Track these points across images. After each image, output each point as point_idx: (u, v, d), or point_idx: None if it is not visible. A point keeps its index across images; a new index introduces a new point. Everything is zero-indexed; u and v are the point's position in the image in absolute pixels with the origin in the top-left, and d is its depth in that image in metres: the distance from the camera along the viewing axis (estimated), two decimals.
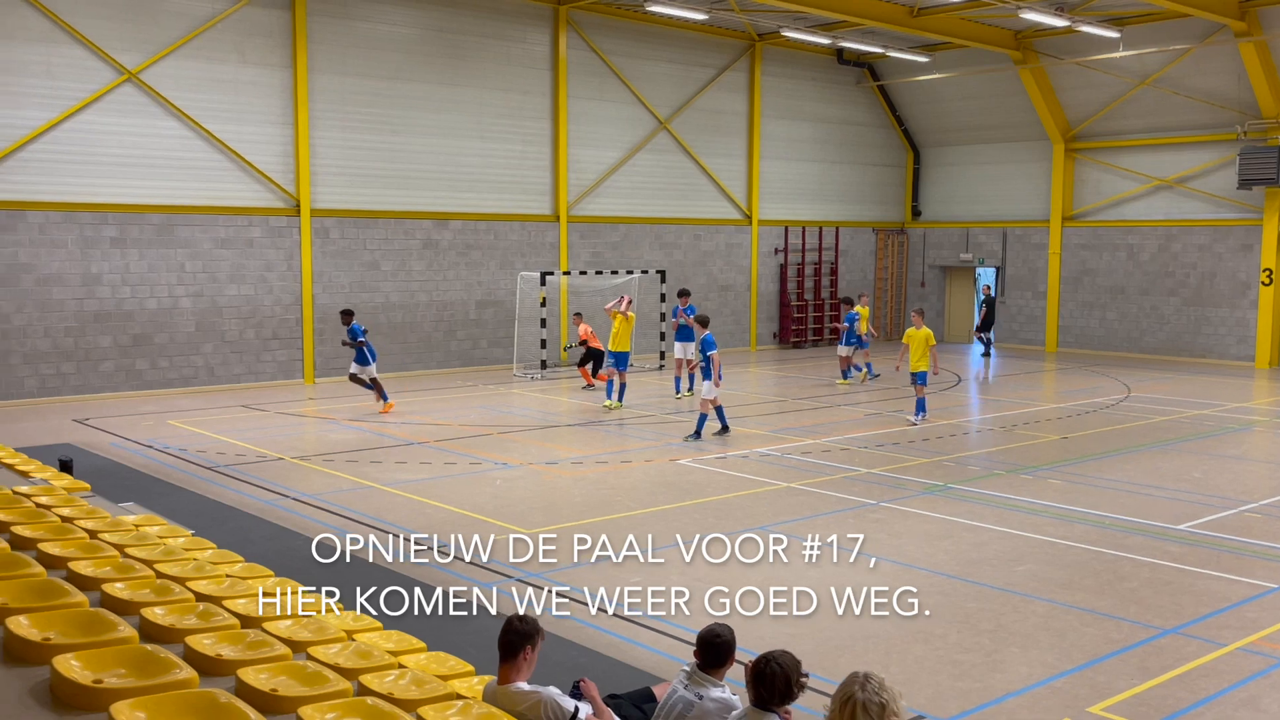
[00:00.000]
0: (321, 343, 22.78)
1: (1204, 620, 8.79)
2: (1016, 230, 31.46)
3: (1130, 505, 12.57)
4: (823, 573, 10.11)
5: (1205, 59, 26.28)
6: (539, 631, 5.52)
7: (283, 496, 12.81)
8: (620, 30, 26.79)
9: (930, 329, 18.58)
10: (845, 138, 32.28)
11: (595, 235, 26.97)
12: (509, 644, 5.40)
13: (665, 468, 14.65)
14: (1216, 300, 27.72)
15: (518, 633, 5.44)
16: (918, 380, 18.09)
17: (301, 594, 7.31)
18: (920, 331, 18.20)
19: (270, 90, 21.72)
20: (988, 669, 7.78)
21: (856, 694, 4.22)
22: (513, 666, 5.38)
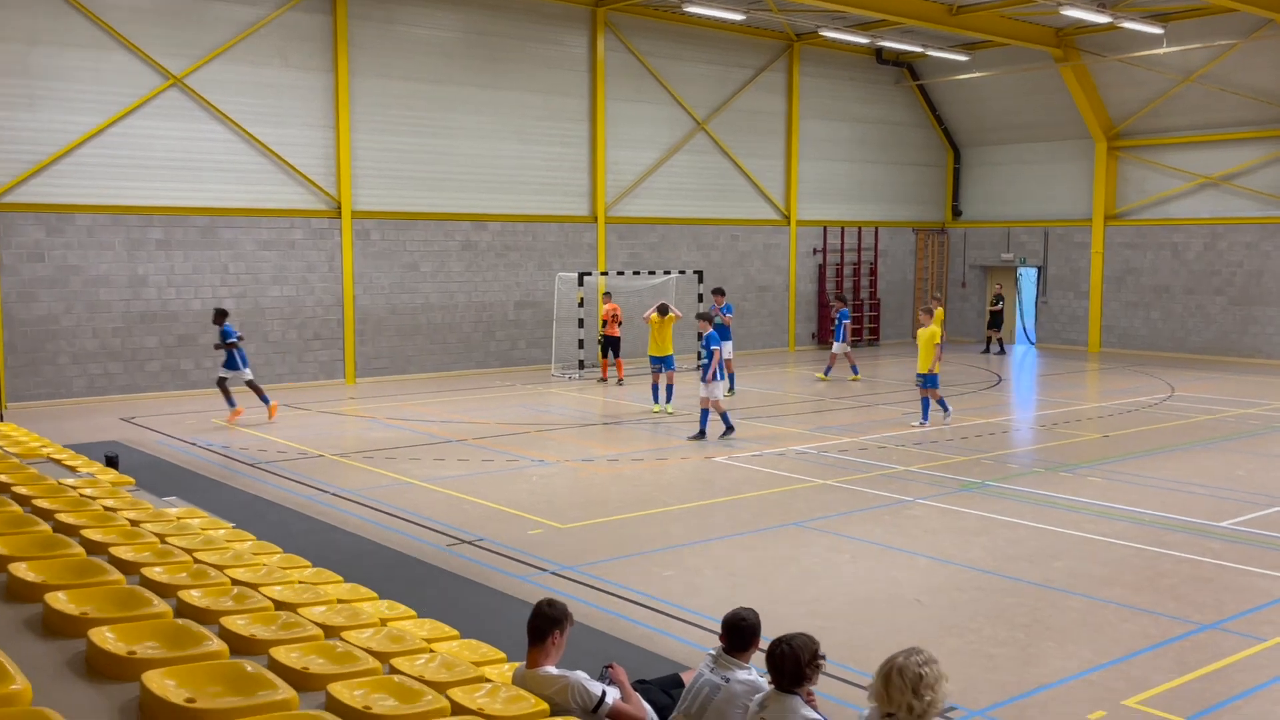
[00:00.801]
0: (363, 343, 23.03)
1: (1244, 616, 8.67)
2: (1058, 230, 31.15)
3: (1171, 502, 12.42)
4: (857, 567, 10.10)
5: (1252, 54, 25.89)
6: (568, 617, 5.57)
7: (322, 492, 12.98)
8: (657, 31, 26.86)
9: (938, 328, 17.83)
10: (884, 137, 32.13)
11: (633, 236, 27.04)
12: (537, 628, 5.46)
13: (701, 465, 14.67)
14: (1264, 299, 27.27)
15: (546, 617, 5.50)
16: (926, 383, 17.44)
17: (338, 583, 7.43)
18: (926, 330, 17.54)
19: (312, 93, 22.02)
20: (1022, 662, 7.73)
21: (899, 660, 4.32)
22: (541, 650, 5.43)
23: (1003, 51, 29.07)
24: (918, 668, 4.35)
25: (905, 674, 4.32)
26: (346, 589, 7.25)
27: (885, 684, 4.32)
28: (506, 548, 10.66)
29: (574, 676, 5.30)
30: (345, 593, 7.13)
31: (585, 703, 5.22)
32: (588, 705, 5.21)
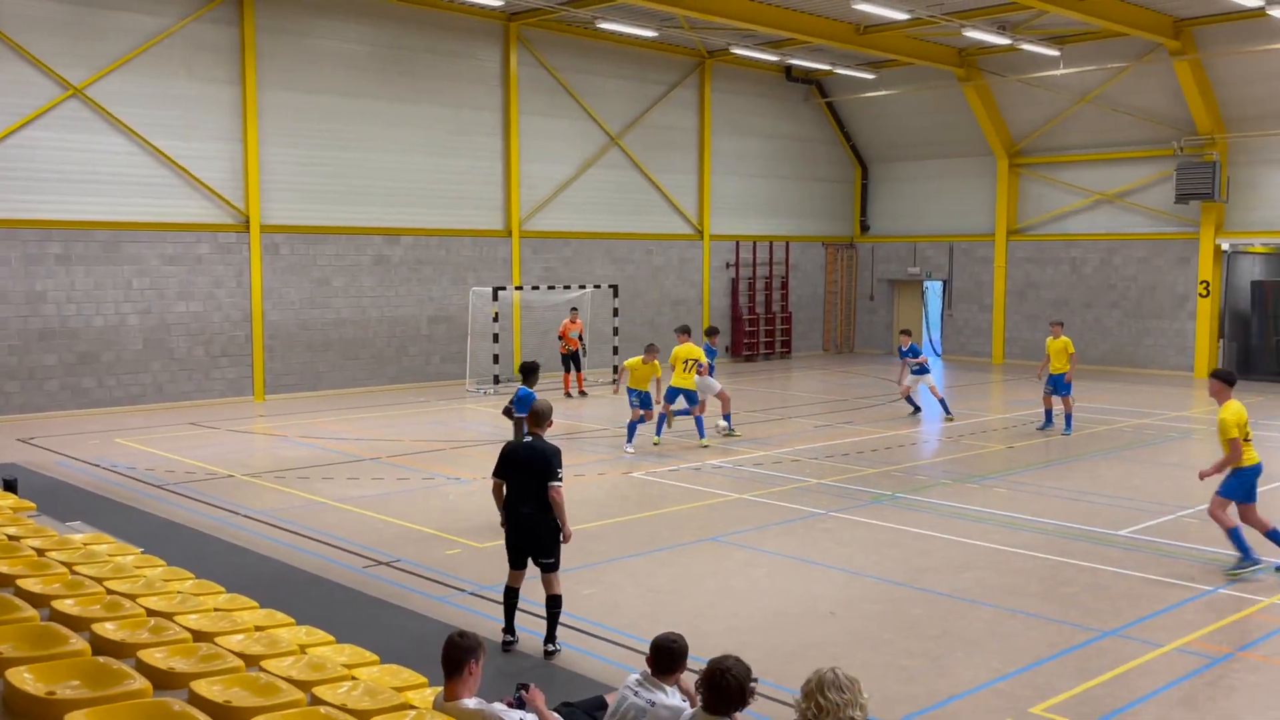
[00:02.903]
0: (272, 360, 22.63)
1: (1142, 622, 9.03)
2: (963, 244, 31.99)
3: (1073, 512, 12.86)
4: (774, 581, 10.26)
5: (1142, 77, 26.96)
6: (481, 646, 5.60)
7: (234, 514, 12.74)
8: (570, 46, 26.96)
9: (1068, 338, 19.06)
10: (794, 153, 32.67)
11: (547, 250, 27.06)
12: (453, 660, 5.47)
13: (619, 481, 14.74)
14: (1157, 312, 28.36)
15: (460, 648, 5.51)
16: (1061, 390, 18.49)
17: (254, 609, 7.32)
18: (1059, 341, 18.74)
19: (219, 106, 21.61)
20: (934, 673, 7.95)
21: (827, 675, 4.43)
22: (459, 681, 5.45)
23: (908, 70, 29.81)
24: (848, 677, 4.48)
25: (840, 685, 4.43)
26: (263, 615, 7.15)
27: (838, 691, 4.42)
28: (424, 568, 10.60)
29: (490, 710, 5.31)
30: (262, 619, 7.04)
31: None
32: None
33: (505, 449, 8.46)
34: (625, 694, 5.40)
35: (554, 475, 8.16)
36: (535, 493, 8.22)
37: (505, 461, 8.38)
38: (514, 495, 8.31)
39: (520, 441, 8.50)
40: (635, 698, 5.32)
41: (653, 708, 5.24)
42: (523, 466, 8.27)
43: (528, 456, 8.28)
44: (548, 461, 8.18)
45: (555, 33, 26.49)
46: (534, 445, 8.32)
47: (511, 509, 8.33)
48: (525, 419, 10.38)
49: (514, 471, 8.31)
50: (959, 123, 30.91)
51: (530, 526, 8.27)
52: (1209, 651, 8.34)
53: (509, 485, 8.35)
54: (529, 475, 8.24)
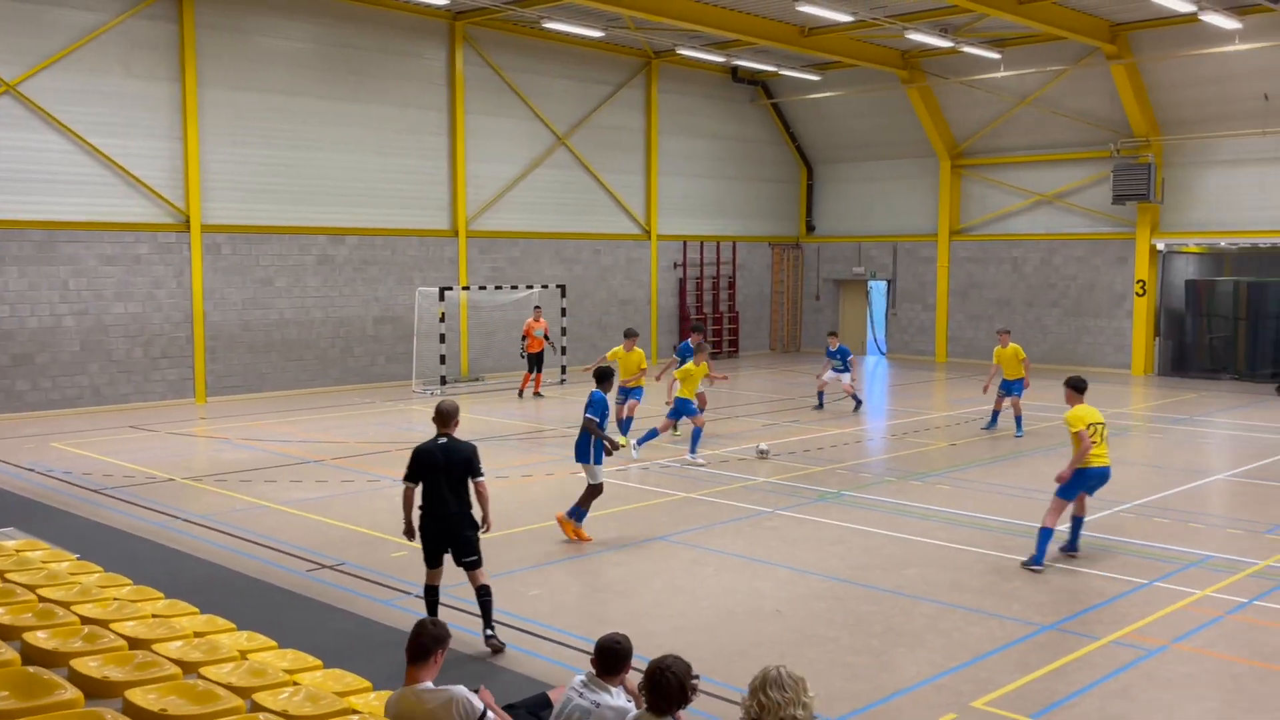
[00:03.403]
0: (214, 361, 22.30)
1: (1080, 616, 9.19)
2: (906, 244, 32.34)
3: (1014, 508, 13.05)
4: (720, 580, 10.30)
5: (1080, 80, 27.44)
6: (449, 636, 5.63)
7: (174, 518, 12.53)
8: (517, 46, 26.86)
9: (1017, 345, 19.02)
10: (741, 154, 32.83)
11: (495, 250, 26.94)
12: (421, 646, 5.49)
13: (566, 481, 14.70)
14: (1095, 311, 28.88)
15: (431, 636, 5.55)
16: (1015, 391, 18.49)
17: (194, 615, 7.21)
18: (1008, 349, 18.61)
19: (157, 104, 21.24)
20: (877, 669, 8.03)
21: (771, 673, 4.49)
22: (423, 668, 5.48)
23: (852, 72, 30.08)
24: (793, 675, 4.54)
25: (783, 684, 4.48)
26: (203, 621, 7.06)
27: (780, 690, 4.47)
28: (369, 571, 10.50)
29: (457, 691, 5.35)
30: (202, 625, 6.95)
31: (468, 717, 5.28)
32: (470, 719, 5.28)
33: (419, 452, 8.43)
34: (570, 695, 5.39)
35: (477, 470, 8.38)
36: (458, 491, 8.36)
37: (422, 464, 8.38)
38: (435, 496, 8.36)
39: (434, 443, 8.47)
40: (580, 699, 5.32)
41: (597, 709, 5.24)
42: (442, 467, 8.34)
43: (446, 457, 8.36)
44: (469, 458, 8.36)
45: (501, 32, 26.38)
46: (451, 445, 8.41)
47: (433, 510, 8.37)
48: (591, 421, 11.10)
49: (433, 473, 8.35)
50: (902, 124, 31.25)
51: (455, 525, 8.38)
52: (1145, 644, 8.50)
53: (427, 487, 8.39)
54: (450, 475, 8.33)
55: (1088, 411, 10.88)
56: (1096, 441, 10.72)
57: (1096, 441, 10.72)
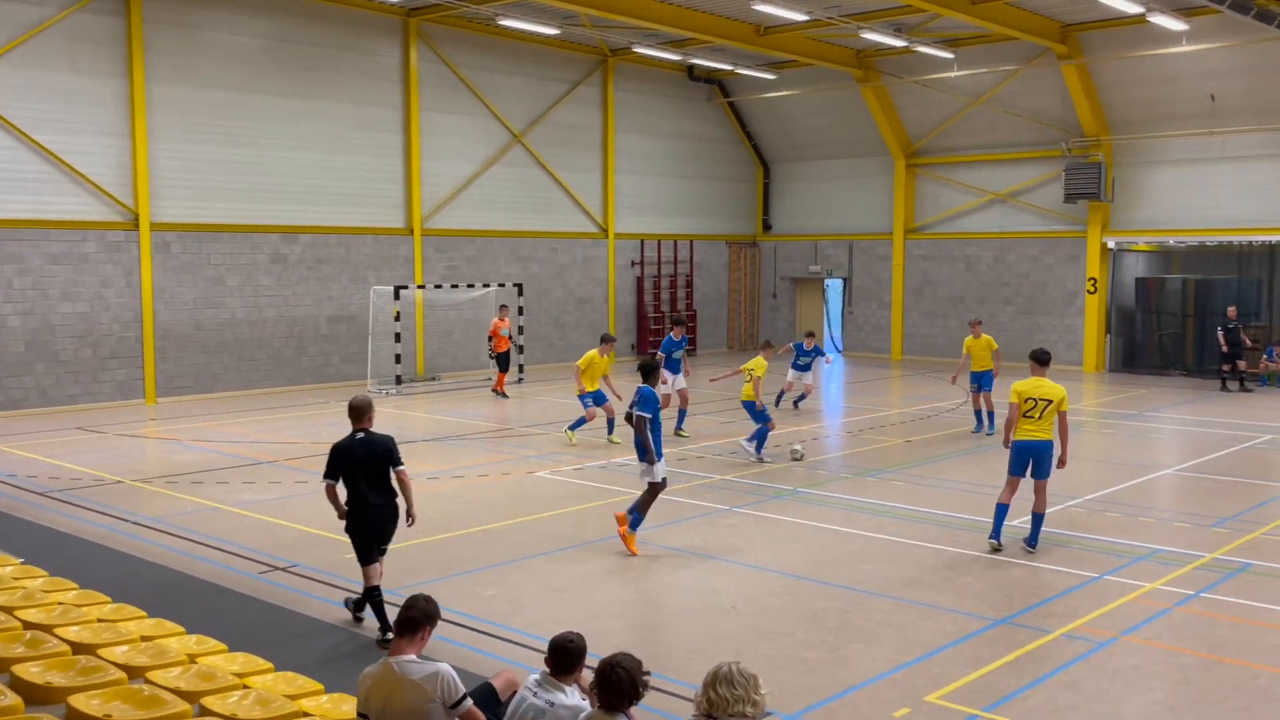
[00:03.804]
0: (164, 361, 21.98)
1: (1031, 610, 9.29)
2: (862, 243, 32.56)
3: (967, 504, 13.17)
4: (676, 578, 10.31)
5: (1032, 80, 27.77)
6: (438, 615, 5.67)
7: (123, 521, 12.33)
8: (472, 43, 26.72)
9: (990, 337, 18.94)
10: (698, 153, 32.88)
11: (451, 248, 26.78)
12: (411, 620, 5.51)
13: (524, 480, 14.66)
14: (1047, 308, 29.25)
15: (422, 611, 5.57)
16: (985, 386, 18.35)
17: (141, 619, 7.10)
18: (980, 339, 18.54)
19: (104, 100, 20.89)
20: (832, 665, 8.07)
21: (723, 670, 4.52)
22: (409, 642, 5.49)
23: (808, 71, 30.22)
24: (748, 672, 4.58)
25: (734, 682, 4.51)
26: (151, 625, 6.96)
27: (729, 686, 4.48)
28: (322, 573, 10.39)
29: (443, 667, 5.36)
30: (150, 629, 6.85)
31: (449, 695, 5.28)
32: (450, 699, 5.28)
33: (338, 448, 8.55)
34: (524, 695, 5.36)
35: (397, 460, 8.57)
36: (381, 483, 8.55)
37: (342, 460, 8.51)
38: (359, 490, 8.50)
39: (352, 439, 8.57)
40: (534, 698, 5.29)
41: (552, 708, 5.21)
42: (363, 461, 8.49)
43: (366, 450, 8.51)
44: (388, 450, 8.53)
45: (456, 29, 26.23)
46: (369, 439, 8.56)
47: (359, 504, 8.51)
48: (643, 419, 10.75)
49: (354, 468, 8.48)
50: (857, 123, 31.45)
51: (381, 516, 8.57)
52: (1095, 636, 8.61)
53: (350, 483, 8.52)
54: (371, 468, 8.50)
55: (1029, 385, 11.02)
56: (1034, 417, 10.86)
57: (1034, 417, 10.86)
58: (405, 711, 5.27)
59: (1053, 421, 10.94)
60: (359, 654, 8.20)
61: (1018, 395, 11.03)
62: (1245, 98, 25.24)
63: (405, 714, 5.27)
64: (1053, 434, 11.02)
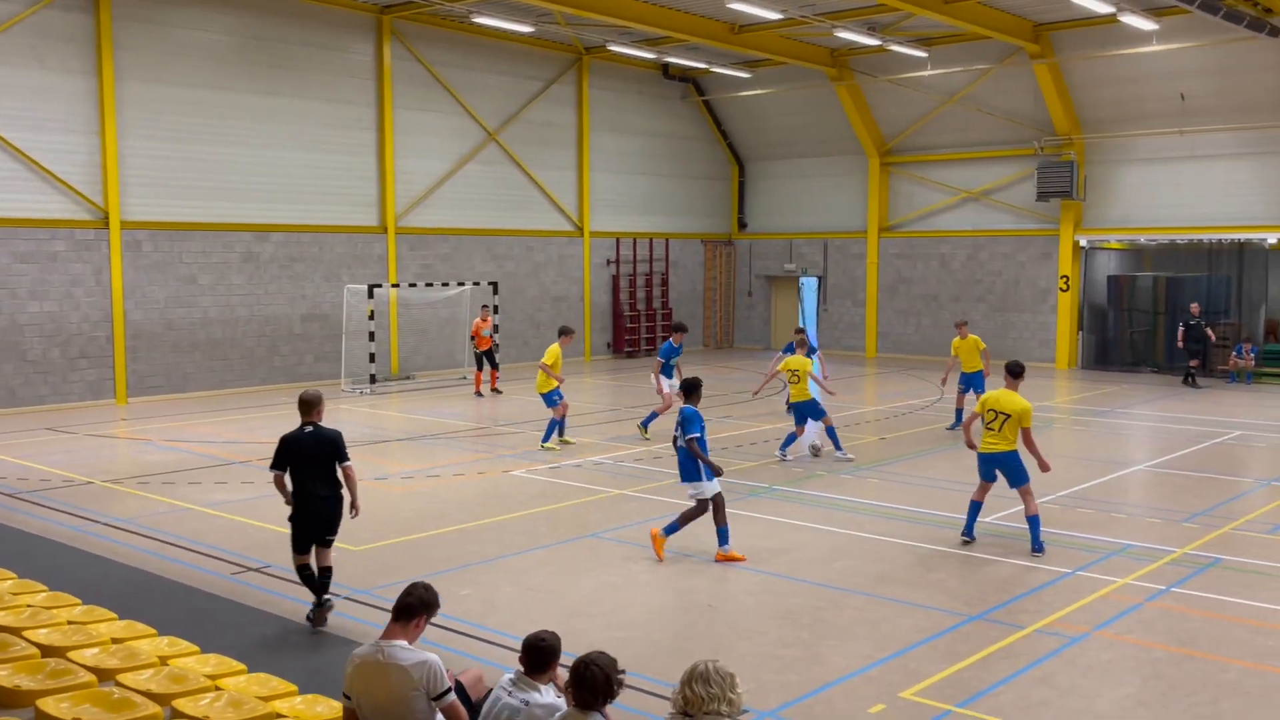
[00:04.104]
0: (135, 361, 21.78)
1: (1005, 606, 9.35)
2: (837, 241, 32.67)
3: (941, 501, 13.23)
4: (651, 576, 10.30)
5: (1005, 78, 27.94)
6: (437, 605, 5.71)
7: (93, 522, 12.21)
8: (446, 41, 26.62)
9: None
10: (673, 151, 32.89)
11: (425, 247, 26.67)
12: (407, 606, 5.55)
13: (499, 480, 14.62)
14: (1020, 306, 29.44)
15: (420, 599, 5.61)
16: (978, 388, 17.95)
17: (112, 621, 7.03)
18: (968, 340, 18.50)
19: (74, 97, 20.68)
20: (808, 662, 8.09)
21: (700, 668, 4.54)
22: (403, 629, 5.52)
23: (782, 70, 30.28)
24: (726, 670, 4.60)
25: (710, 681, 4.53)
26: (122, 626, 6.90)
27: (705, 684, 4.50)
28: (295, 573, 10.30)
29: (432, 657, 5.38)
30: (120, 631, 6.79)
31: (434, 687, 5.31)
32: (434, 690, 5.31)
33: (286, 440, 8.79)
34: (499, 694, 5.34)
35: (344, 456, 8.82)
36: (326, 476, 8.79)
37: (290, 453, 8.75)
38: (304, 482, 8.75)
39: (300, 432, 8.78)
40: (509, 698, 5.27)
41: (527, 707, 5.19)
42: (310, 454, 8.73)
43: (314, 445, 8.76)
44: (336, 445, 8.78)
45: (430, 26, 26.12)
46: (317, 433, 8.81)
47: (304, 495, 8.76)
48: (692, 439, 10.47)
49: (301, 460, 8.73)
50: (832, 122, 31.55)
51: (325, 509, 8.82)
52: (1068, 631, 8.67)
53: (296, 475, 8.76)
54: (318, 462, 8.75)
55: (994, 397, 11.15)
56: (994, 429, 10.98)
57: (994, 429, 10.98)
58: (388, 697, 5.28)
59: (1015, 434, 10.97)
60: (333, 655, 8.15)
61: (980, 406, 11.28)
62: (1214, 97, 25.49)
63: (388, 699, 5.28)
64: (1016, 445, 11.03)
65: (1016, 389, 11.19)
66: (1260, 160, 25.73)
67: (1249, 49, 23.97)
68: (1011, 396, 11.05)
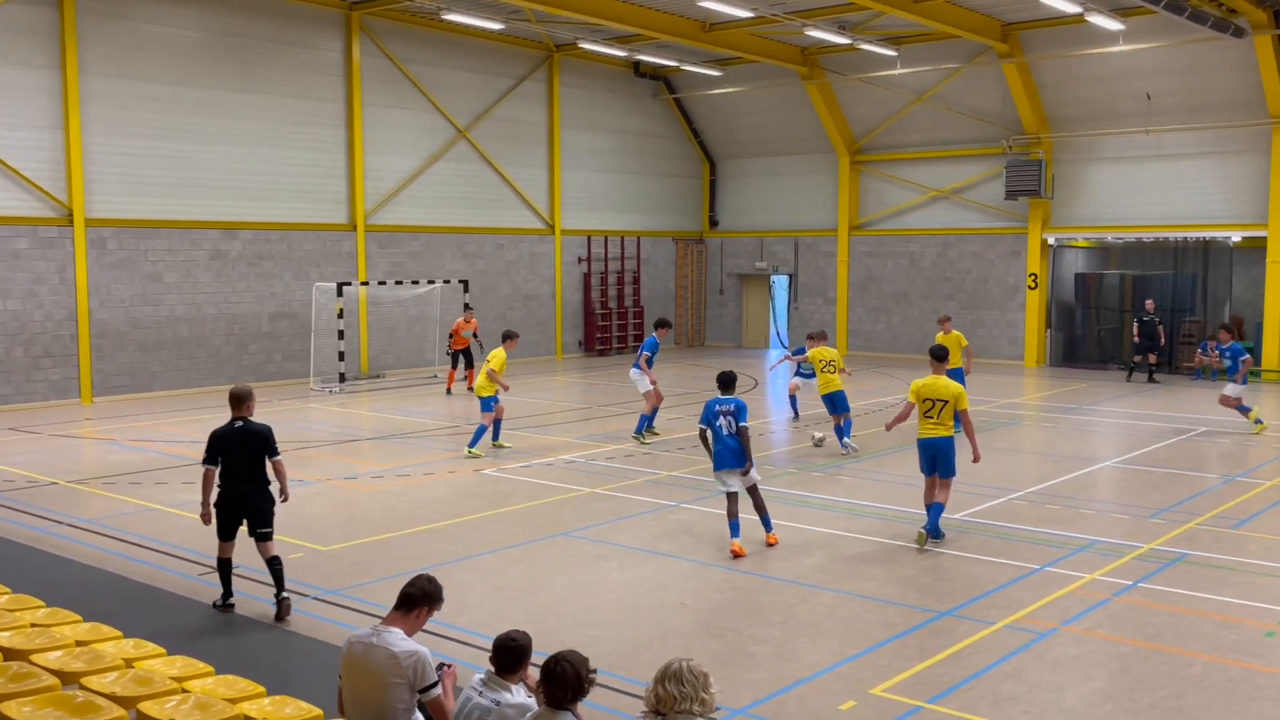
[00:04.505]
0: (100, 360, 21.53)
1: (975, 602, 9.40)
2: (807, 239, 32.77)
3: (911, 498, 13.27)
4: (624, 575, 10.30)
5: (974, 78, 28.11)
6: (440, 599, 5.74)
7: (57, 523, 12.06)
8: (416, 38, 26.48)
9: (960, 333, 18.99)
10: (644, 149, 32.88)
11: (395, 245, 26.52)
12: (410, 597, 5.62)
13: (470, 479, 14.56)
14: (989, 304, 29.65)
15: (422, 590, 5.67)
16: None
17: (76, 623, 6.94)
18: (950, 336, 18.56)
19: (37, 93, 20.41)
20: (779, 659, 8.10)
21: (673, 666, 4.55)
22: (403, 618, 5.59)
23: (753, 68, 30.34)
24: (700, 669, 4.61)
25: (683, 680, 4.53)
26: (86, 629, 6.81)
27: (678, 684, 4.50)
28: (265, 574, 10.19)
29: (423, 651, 5.44)
30: (85, 633, 6.70)
31: (420, 679, 5.37)
32: (420, 683, 5.37)
33: (216, 436, 9.03)
34: (470, 694, 5.31)
35: (274, 450, 9.04)
36: (255, 470, 9.02)
37: (221, 447, 8.99)
38: (234, 476, 8.99)
39: (230, 427, 9.04)
40: (480, 698, 5.25)
41: (498, 707, 5.17)
42: (239, 449, 8.97)
43: (243, 439, 9.00)
44: (266, 439, 9.02)
45: (399, 23, 25.98)
46: (248, 428, 9.05)
47: (232, 488, 9.00)
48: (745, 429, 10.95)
49: (231, 455, 8.97)
50: (802, 120, 31.64)
51: (254, 501, 9.02)
52: (1036, 627, 8.73)
53: (227, 468, 8.99)
54: (248, 456, 8.99)
55: (926, 385, 11.19)
56: (934, 417, 11.06)
57: (934, 417, 11.06)
58: (373, 683, 5.35)
59: (952, 419, 11.09)
60: (304, 656, 8.10)
61: (915, 395, 11.28)
62: (1179, 96, 25.76)
63: (373, 685, 5.35)
64: (954, 430, 11.20)
65: (944, 374, 11.28)
66: (1224, 160, 26.04)
67: (1213, 49, 24.25)
68: (945, 382, 11.16)
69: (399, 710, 5.38)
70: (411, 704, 5.41)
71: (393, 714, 5.38)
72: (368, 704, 5.40)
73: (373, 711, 5.39)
